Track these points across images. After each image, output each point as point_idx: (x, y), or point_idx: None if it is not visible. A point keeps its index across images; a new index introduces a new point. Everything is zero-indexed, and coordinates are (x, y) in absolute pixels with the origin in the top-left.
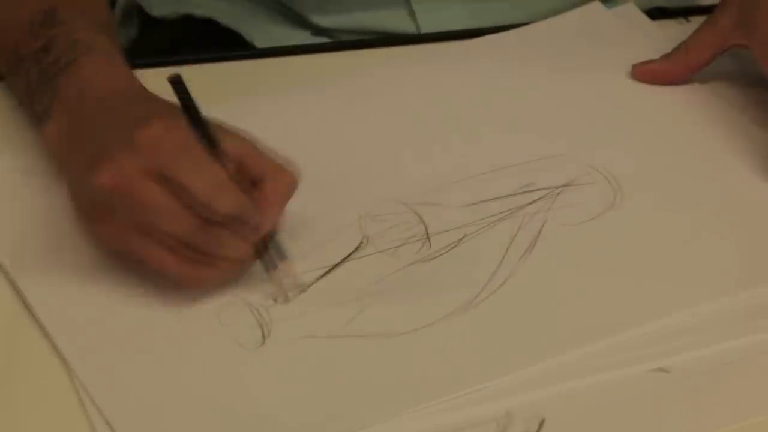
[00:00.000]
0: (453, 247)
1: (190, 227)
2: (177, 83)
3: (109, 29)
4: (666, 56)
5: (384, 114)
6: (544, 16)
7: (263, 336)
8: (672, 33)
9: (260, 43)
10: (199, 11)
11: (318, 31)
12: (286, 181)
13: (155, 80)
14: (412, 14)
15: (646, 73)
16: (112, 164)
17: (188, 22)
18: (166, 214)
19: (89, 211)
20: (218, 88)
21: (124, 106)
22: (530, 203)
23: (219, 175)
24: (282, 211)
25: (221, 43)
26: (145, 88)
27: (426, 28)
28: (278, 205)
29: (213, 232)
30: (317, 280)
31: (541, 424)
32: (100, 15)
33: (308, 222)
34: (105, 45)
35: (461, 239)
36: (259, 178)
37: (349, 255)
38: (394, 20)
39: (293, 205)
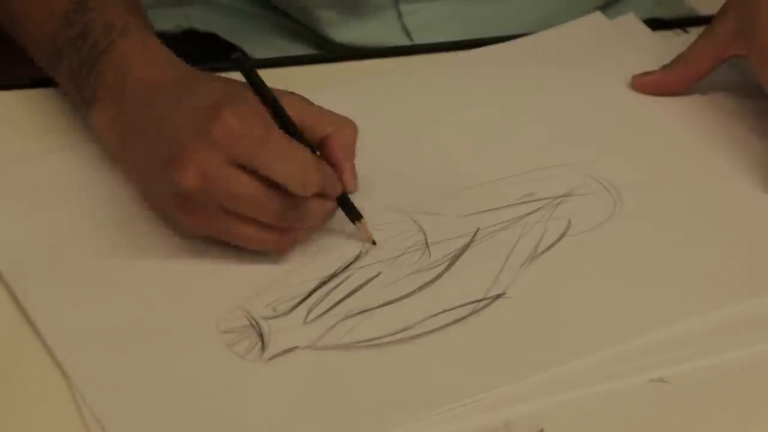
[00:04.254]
0: (453, 257)
1: (283, 208)
2: (241, 60)
3: (140, 11)
4: (665, 67)
5: (383, 123)
6: (538, 25)
7: (262, 346)
8: (671, 44)
9: (261, 57)
10: (202, 26)
11: (320, 46)
12: (350, 131)
13: None
14: (404, 28)
15: (645, 83)
16: (193, 161)
17: (190, 36)
18: (258, 201)
19: (170, 204)
20: None
21: (184, 94)
22: (530, 213)
23: (303, 155)
24: (353, 161)
25: (222, 57)
26: (192, 69)
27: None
28: (350, 158)
29: (304, 206)
30: (316, 289)
31: None
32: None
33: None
34: (139, 26)
35: (461, 249)
36: (327, 133)
37: (349, 264)
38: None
39: None
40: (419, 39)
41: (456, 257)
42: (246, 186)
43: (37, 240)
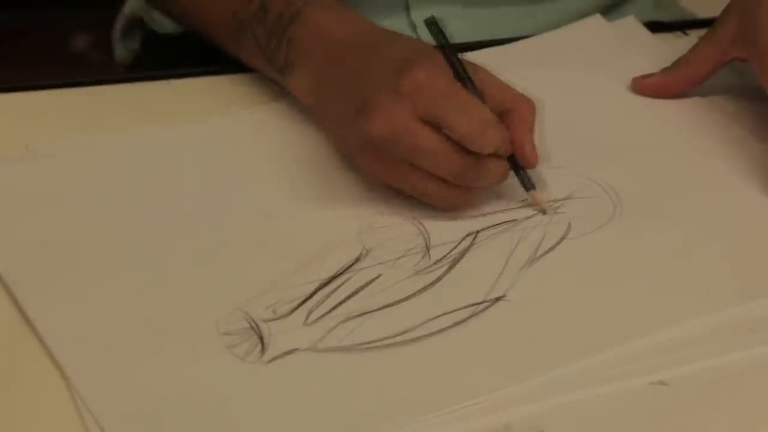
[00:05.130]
0: (452, 260)
1: (462, 166)
2: (433, 24)
3: None
4: (666, 70)
5: None
6: (546, 29)
7: (262, 348)
8: (672, 46)
9: None
10: None
11: None
12: (531, 108)
13: (156, 93)
14: (412, 27)
15: (646, 86)
16: (383, 112)
17: (191, 36)
18: (439, 156)
19: (359, 154)
20: (219, 100)
21: (376, 50)
22: (530, 216)
23: (484, 114)
24: (532, 136)
25: (223, 58)
26: (382, 28)
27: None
28: (529, 132)
29: (482, 165)
30: (316, 291)
31: None
32: None
33: (308, 232)
34: None
35: (461, 251)
36: (507, 108)
37: (349, 266)
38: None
39: (294, 211)
40: (426, 37)
41: (456, 260)
42: (429, 141)
43: (36, 240)
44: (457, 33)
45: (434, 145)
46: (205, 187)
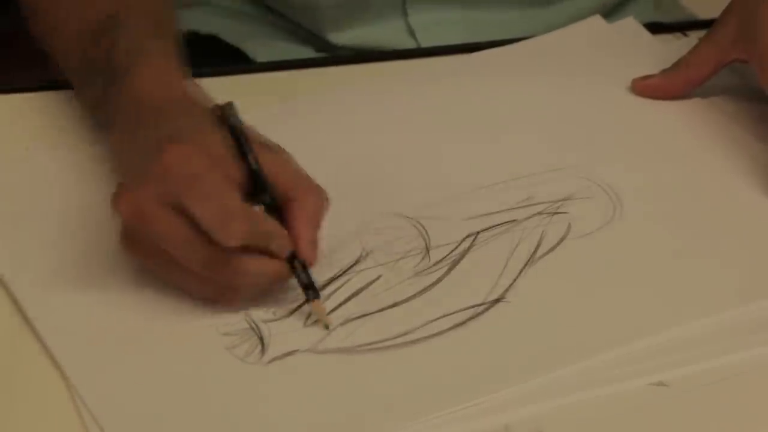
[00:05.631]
0: (452, 261)
1: (208, 258)
2: (222, 109)
3: (169, 31)
4: (666, 71)
5: (384, 127)
6: (544, 31)
7: (262, 349)
8: (672, 47)
9: (263, 60)
10: (204, 28)
11: (322, 48)
12: (317, 201)
13: None
14: (410, 32)
15: (646, 87)
16: (129, 194)
17: (192, 39)
18: (180, 244)
19: (120, 234)
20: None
21: (156, 122)
22: (530, 217)
23: (231, 202)
24: (315, 231)
25: (225, 60)
26: (189, 98)
27: (425, 45)
28: (310, 227)
29: (234, 259)
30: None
31: None
32: (159, 16)
33: None
34: (161, 50)
35: (461, 253)
36: (291, 197)
37: (349, 268)
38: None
39: None
40: (424, 41)
41: (456, 261)
42: (172, 227)
43: (36, 241)
44: (455, 38)
45: (177, 233)
46: None
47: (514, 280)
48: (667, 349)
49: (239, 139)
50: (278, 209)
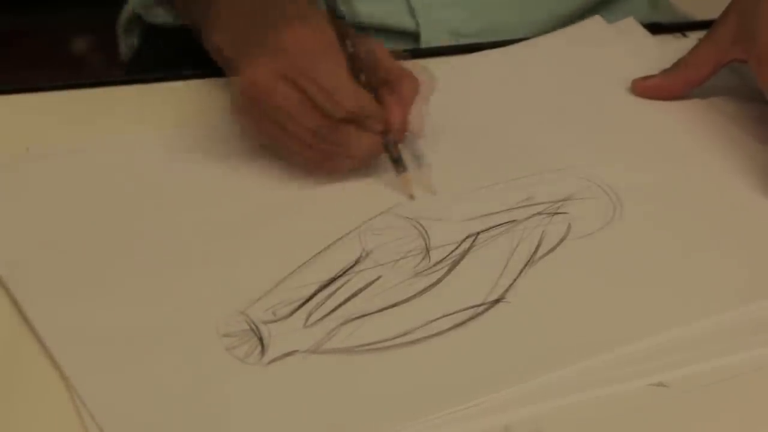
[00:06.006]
0: (452, 262)
1: (318, 126)
2: None
3: None
4: (665, 71)
5: None
6: (546, 17)
7: (262, 350)
8: (671, 48)
9: None
10: None
11: None
12: (413, 84)
13: (156, 94)
14: (411, 11)
15: (645, 88)
16: (250, 69)
17: (189, 31)
18: (296, 113)
19: (235, 107)
20: (220, 102)
21: (273, 10)
22: (530, 217)
23: (341, 78)
24: (406, 111)
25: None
26: None
27: (425, 24)
28: (402, 105)
29: (338, 131)
30: (316, 293)
31: None
32: None
33: (308, 234)
34: None
35: (461, 253)
36: (388, 80)
37: (349, 268)
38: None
39: (294, 213)
40: (424, 19)
41: (456, 262)
42: (287, 98)
43: (36, 242)
44: (456, 20)
45: (292, 103)
46: (205, 188)
47: (514, 280)
48: (667, 350)
49: (339, 25)
50: (373, 91)
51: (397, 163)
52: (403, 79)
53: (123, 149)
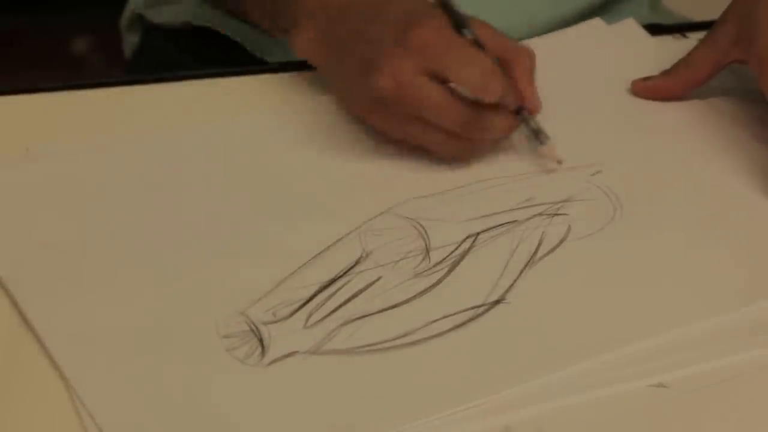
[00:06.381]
0: (452, 262)
1: (466, 117)
2: None
3: None
4: (666, 72)
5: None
6: (544, 22)
7: (262, 351)
8: (671, 49)
9: (267, 55)
10: (194, 21)
11: None
12: (531, 57)
13: (157, 95)
14: None
15: (645, 89)
16: (390, 68)
17: (190, 30)
18: (443, 108)
19: (367, 111)
20: (220, 102)
21: (376, 9)
22: (530, 218)
23: (486, 64)
24: (534, 83)
25: (222, 51)
26: None
27: None
28: (531, 81)
29: (483, 117)
30: (316, 294)
31: None
32: None
33: (308, 235)
34: None
35: (461, 254)
36: (507, 58)
37: (349, 269)
38: None
39: (294, 214)
40: None
41: (456, 262)
42: (434, 94)
43: (36, 242)
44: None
45: (438, 98)
46: (206, 189)
47: (515, 281)
48: (667, 351)
49: (455, 14)
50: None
51: (539, 133)
52: (520, 53)
53: (123, 149)
